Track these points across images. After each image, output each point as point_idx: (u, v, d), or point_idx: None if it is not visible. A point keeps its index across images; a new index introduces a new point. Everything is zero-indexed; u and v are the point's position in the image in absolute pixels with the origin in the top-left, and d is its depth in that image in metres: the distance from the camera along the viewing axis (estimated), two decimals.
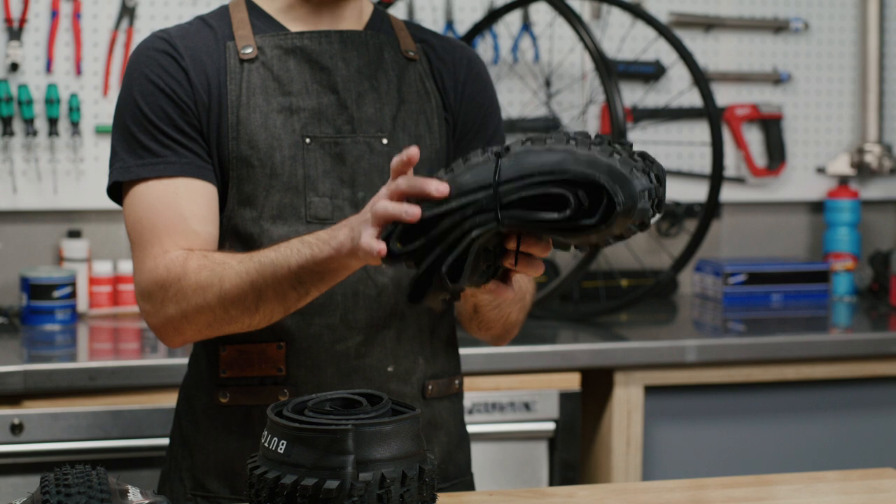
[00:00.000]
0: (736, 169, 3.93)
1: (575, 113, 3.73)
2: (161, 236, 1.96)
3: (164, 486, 2.15)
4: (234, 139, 2.00)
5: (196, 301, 1.91)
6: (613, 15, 3.76)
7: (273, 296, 1.87)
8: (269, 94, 2.02)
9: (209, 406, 2.06)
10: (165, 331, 1.98)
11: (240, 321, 1.92)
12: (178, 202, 1.97)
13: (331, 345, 2.02)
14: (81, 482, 1.57)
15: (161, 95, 2.00)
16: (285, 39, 2.05)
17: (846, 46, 4.00)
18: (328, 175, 2.02)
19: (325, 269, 1.83)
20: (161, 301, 1.94)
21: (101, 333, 3.27)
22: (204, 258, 1.92)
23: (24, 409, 2.77)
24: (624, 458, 3.12)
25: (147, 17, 3.46)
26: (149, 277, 1.96)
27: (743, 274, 3.72)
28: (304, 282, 1.85)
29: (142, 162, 1.99)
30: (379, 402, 1.66)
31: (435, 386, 2.10)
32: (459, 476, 2.18)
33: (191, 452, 2.09)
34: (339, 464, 1.56)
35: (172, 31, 2.06)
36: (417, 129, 2.08)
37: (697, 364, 3.16)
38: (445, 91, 2.13)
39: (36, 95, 3.38)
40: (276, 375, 2.02)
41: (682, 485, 2.04)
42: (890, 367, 3.29)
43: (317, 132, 2.03)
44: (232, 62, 2.03)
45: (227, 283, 1.89)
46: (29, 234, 3.43)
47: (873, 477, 2.02)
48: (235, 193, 2.02)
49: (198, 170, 1.99)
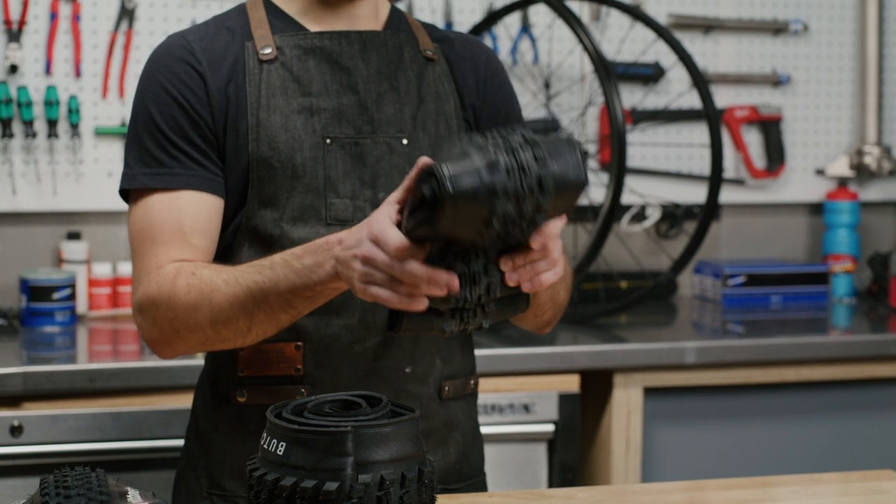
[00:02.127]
0: (735, 170, 3.93)
1: (574, 115, 3.73)
2: (158, 250, 1.97)
3: (180, 483, 2.15)
4: (254, 140, 2.00)
5: (187, 321, 1.93)
6: (613, 17, 3.76)
7: (265, 318, 1.89)
8: (289, 95, 2.02)
9: (226, 405, 2.06)
10: (158, 345, 2.00)
11: (233, 341, 1.94)
12: (180, 216, 1.98)
13: (349, 345, 2.02)
14: (81, 484, 1.57)
15: (174, 105, 2.00)
16: (305, 39, 2.05)
17: (845, 48, 4.00)
18: (349, 176, 2.02)
19: (313, 294, 1.85)
20: (153, 317, 1.96)
21: (101, 335, 3.27)
22: (192, 277, 1.92)
23: (24, 410, 2.77)
24: (623, 459, 3.12)
25: (146, 18, 3.46)
26: (142, 292, 1.97)
27: (742, 275, 3.72)
28: (295, 305, 1.87)
29: (148, 171, 2.00)
30: (378, 404, 1.66)
31: (451, 386, 2.10)
32: (473, 476, 2.17)
33: (207, 451, 2.09)
34: (339, 466, 1.56)
35: (190, 35, 2.05)
36: (437, 130, 2.08)
37: (697, 366, 3.16)
38: (467, 89, 2.13)
39: (35, 97, 3.38)
40: (294, 375, 2.02)
41: (681, 486, 2.04)
42: (889, 369, 3.29)
43: (337, 133, 2.03)
44: (251, 63, 2.03)
45: (217, 307, 1.90)
46: (28, 236, 3.43)
47: (873, 479, 2.02)
48: (256, 195, 2.01)
49: (204, 182, 2.00)
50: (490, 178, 1.57)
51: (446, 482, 2.10)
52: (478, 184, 1.56)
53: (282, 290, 1.85)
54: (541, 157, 1.60)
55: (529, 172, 1.58)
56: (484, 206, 1.58)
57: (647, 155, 3.85)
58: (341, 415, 1.63)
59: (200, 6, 3.49)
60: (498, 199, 1.57)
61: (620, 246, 3.74)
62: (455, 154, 1.60)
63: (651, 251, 3.85)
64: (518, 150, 1.59)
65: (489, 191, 1.57)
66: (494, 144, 1.60)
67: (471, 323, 1.73)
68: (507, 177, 1.57)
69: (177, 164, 1.99)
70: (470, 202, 1.57)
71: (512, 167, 1.58)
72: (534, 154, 1.60)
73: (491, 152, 1.58)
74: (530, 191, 1.59)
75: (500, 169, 1.57)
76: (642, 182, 3.82)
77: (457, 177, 1.56)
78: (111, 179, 3.42)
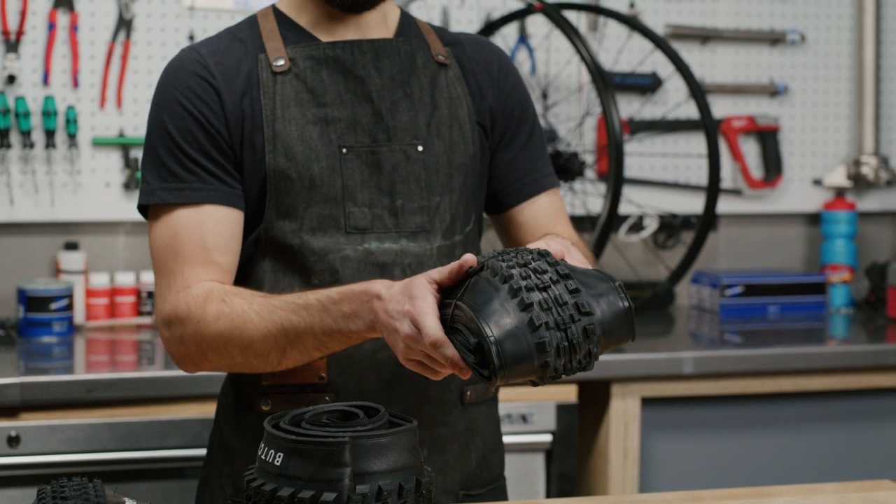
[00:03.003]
0: (732, 181, 3.93)
1: (572, 125, 3.73)
2: (183, 267, 1.98)
3: (204, 491, 2.16)
4: (271, 152, 2.01)
5: (216, 348, 1.95)
6: (610, 27, 3.77)
7: (297, 354, 1.92)
8: (303, 106, 2.03)
9: (250, 413, 2.06)
10: (183, 362, 2.02)
11: (260, 368, 1.97)
12: (202, 231, 1.99)
13: (373, 353, 2.02)
14: (78, 494, 1.57)
15: (191, 120, 2.00)
16: (317, 50, 2.05)
17: (843, 58, 4.01)
18: (366, 185, 2.03)
19: (349, 340, 1.87)
20: (180, 336, 1.98)
21: (98, 345, 3.27)
22: (223, 305, 1.94)
23: (21, 421, 2.77)
24: (621, 470, 3.12)
25: (144, 29, 3.46)
26: (171, 308, 1.98)
27: (740, 286, 3.72)
28: (330, 346, 1.89)
29: (167, 186, 2.01)
30: (376, 415, 1.66)
31: (473, 391, 2.11)
32: (494, 482, 2.18)
33: (231, 459, 2.10)
34: (336, 476, 1.56)
35: (203, 49, 2.05)
36: (451, 135, 2.08)
37: (694, 376, 3.16)
38: (480, 92, 2.13)
39: (33, 108, 3.38)
40: (318, 383, 2.03)
41: (679, 497, 2.03)
42: (887, 379, 3.29)
43: (353, 142, 2.03)
44: (264, 75, 2.03)
45: (249, 340, 1.92)
46: (26, 247, 3.43)
47: (870, 489, 2.02)
48: (274, 206, 2.02)
49: (223, 196, 2.01)
50: (534, 336, 1.60)
51: (468, 488, 2.12)
52: (523, 352, 1.60)
53: (317, 333, 1.87)
54: (584, 306, 1.63)
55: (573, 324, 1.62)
56: (533, 367, 1.62)
57: (645, 165, 3.86)
58: (339, 425, 1.62)
59: (198, 17, 3.49)
60: (547, 357, 1.61)
61: (618, 256, 3.75)
62: (487, 303, 1.62)
63: (648, 261, 3.85)
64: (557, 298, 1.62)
65: (537, 352, 1.61)
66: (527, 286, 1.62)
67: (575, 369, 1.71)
68: (551, 334, 1.61)
69: (195, 178, 2.00)
70: (517, 369, 1.61)
71: (556, 330, 1.61)
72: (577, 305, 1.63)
73: (533, 308, 1.61)
74: (578, 344, 1.63)
75: (543, 329, 1.60)
76: (640, 192, 3.82)
77: (503, 345, 1.60)
78: (109, 190, 3.42)
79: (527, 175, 2.16)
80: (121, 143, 3.42)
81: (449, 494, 2.09)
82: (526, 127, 2.18)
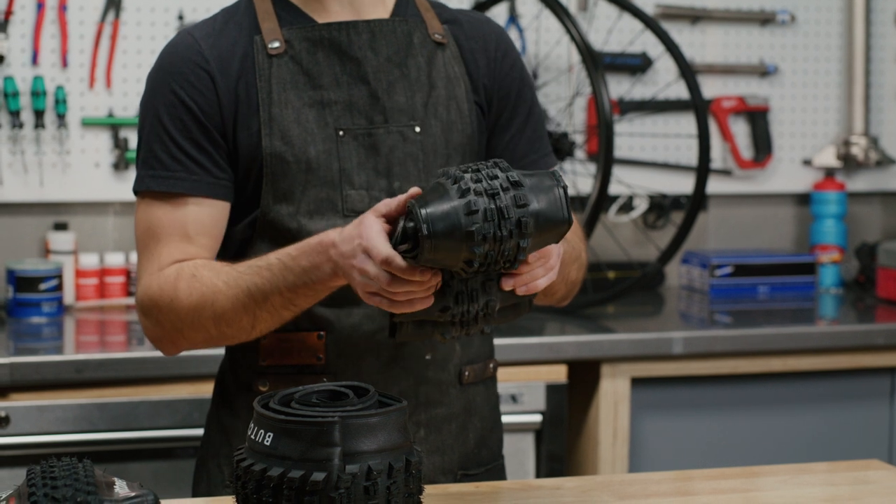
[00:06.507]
0: (722, 161, 3.93)
1: (562, 105, 3.73)
2: (161, 252, 2.00)
3: (202, 471, 2.16)
4: (267, 136, 2.01)
5: (190, 323, 1.96)
6: (600, 7, 3.76)
7: (268, 316, 1.93)
8: (299, 89, 2.02)
9: (248, 394, 2.06)
10: (161, 343, 2.03)
11: (237, 338, 1.98)
12: (184, 220, 2.00)
13: (370, 334, 2.03)
14: (68, 475, 1.57)
15: (182, 108, 2.00)
16: (313, 31, 2.04)
17: (833, 39, 4.00)
18: (363, 167, 2.03)
19: (315, 292, 1.89)
20: (156, 318, 1.99)
21: (88, 326, 3.27)
22: (193, 280, 1.95)
23: (11, 401, 2.77)
24: (611, 450, 3.12)
25: (133, 9, 3.45)
26: (144, 294, 2.00)
27: (729, 266, 3.72)
28: (297, 302, 1.91)
29: (153, 174, 2.01)
30: (366, 395, 1.66)
31: (471, 371, 2.11)
32: (492, 461, 2.18)
33: (229, 440, 2.10)
34: (326, 456, 1.56)
35: (198, 32, 2.05)
36: (449, 116, 2.08)
37: (684, 356, 3.16)
38: (477, 71, 2.12)
39: (22, 87, 3.37)
40: (316, 364, 2.04)
41: (668, 476, 2.04)
42: (876, 359, 3.29)
43: (349, 124, 2.03)
44: (260, 58, 2.03)
45: (220, 309, 1.93)
46: (15, 227, 3.43)
47: (860, 468, 2.02)
48: (270, 189, 2.02)
49: (208, 187, 2.01)
50: (467, 220, 1.64)
51: (466, 467, 2.12)
52: (453, 227, 1.65)
53: (282, 291, 1.89)
54: (522, 199, 1.66)
55: (508, 216, 1.66)
56: (461, 248, 1.66)
57: (635, 145, 3.85)
58: (329, 405, 1.63)
59: None
60: (475, 241, 1.65)
61: (608, 236, 3.75)
62: (436, 195, 1.67)
63: (638, 241, 3.85)
64: (500, 193, 1.66)
65: (465, 234, 1.65)
66: (476, 185, 1.66)
67: (472, 328, 1.79)
68: (485, 220, 1.65)
69: (181, 168, 2.00)
70: (446, 243, 1.65)
71: (491, 211, 1.65)
72: (515, 197, 1.67)
73: (471, 194, 1.65)
74: (509, 234, 1.66)
75: (479, 213, 1.65)
76: (630, 172, 3.82)
77: (433, 220, 1.65)
78: (98, 170, 3.41)
79: (525, 157, 2.15)
80: (110, 123, 3.42)
81: (447, 474, 2.09)
82: (524, 107, 2.16)
